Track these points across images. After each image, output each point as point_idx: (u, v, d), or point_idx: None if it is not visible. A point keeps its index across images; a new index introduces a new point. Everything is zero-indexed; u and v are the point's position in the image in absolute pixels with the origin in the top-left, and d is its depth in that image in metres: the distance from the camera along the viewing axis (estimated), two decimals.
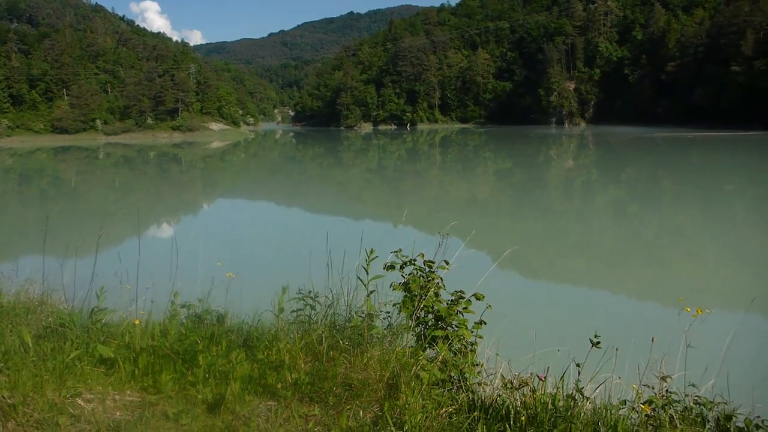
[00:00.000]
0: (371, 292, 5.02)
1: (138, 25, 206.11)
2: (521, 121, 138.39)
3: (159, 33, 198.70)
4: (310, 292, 5.24)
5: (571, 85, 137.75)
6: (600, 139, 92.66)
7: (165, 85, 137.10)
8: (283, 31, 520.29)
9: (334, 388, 4.39)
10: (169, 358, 4.60)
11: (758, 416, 4.51)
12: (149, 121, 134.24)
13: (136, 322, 4.94)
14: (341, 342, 4.75)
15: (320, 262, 5.57)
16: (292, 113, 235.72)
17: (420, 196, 39.07)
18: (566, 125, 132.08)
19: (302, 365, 4.66)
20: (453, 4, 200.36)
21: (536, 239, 23.60)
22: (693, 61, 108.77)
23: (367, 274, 4.98)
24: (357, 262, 5.13)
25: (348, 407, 4.19)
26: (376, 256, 5.02)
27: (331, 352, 4.71)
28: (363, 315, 5.03)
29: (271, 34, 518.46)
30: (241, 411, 4.12)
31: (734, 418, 4.53)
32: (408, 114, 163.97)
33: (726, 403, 4.65)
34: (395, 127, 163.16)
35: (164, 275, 5.86)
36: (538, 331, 4.82)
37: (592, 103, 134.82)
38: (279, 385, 4.44)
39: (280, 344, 4.76)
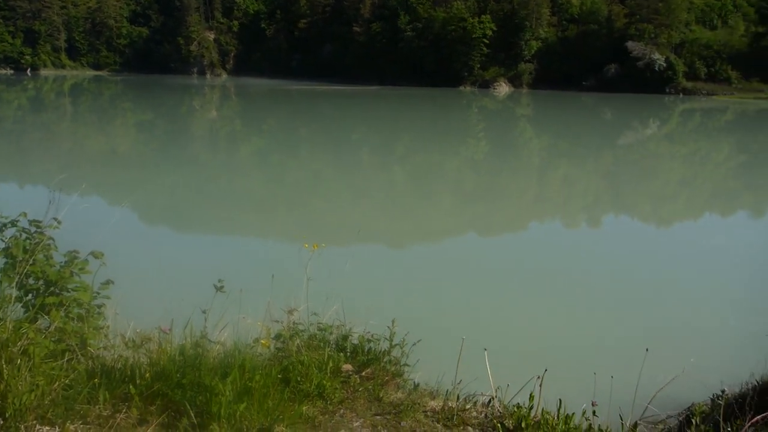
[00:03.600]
0: None
1: None
2: (162, 70, 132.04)
3: None
4: None
5: (211, 36, 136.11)
6: (241, 90, 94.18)
7: None
8: None
9: None
10: None
11: (369, 331, 5.18)
12: None
13: None
14: None
15: None
16: None
17: (48, 153, 34.59)
18: (208, 76, 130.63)
19: None
20: None
21: (182, 190, 23.08)
22: (321, 20, 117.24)
23: None
24: None
25: None
26: None
27: None
28: None
29: None
30: None
31: (350, 337, 5.12)
32: (27, 57, 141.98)
33: (344, 325, 5.21)
34: (12, 71, 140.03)
35: None
36: (166, 282, 4.65)
37: (233, 54, 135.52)
38: None
39: None
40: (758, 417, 5.92)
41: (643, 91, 78.04)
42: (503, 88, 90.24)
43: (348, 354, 4.91)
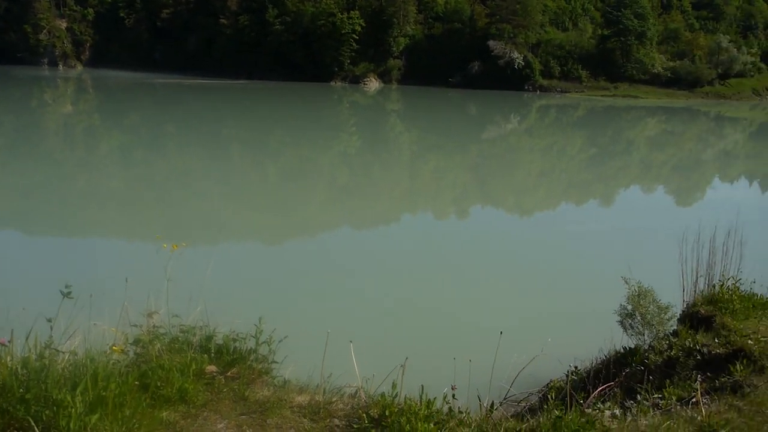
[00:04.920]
0: None
1: None
2: (6, 60, 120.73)
3: None
4: None
5: (63, 24, 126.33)
6: (99, 83, 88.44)
7: None
8: None
9: None
10: None
11: (234, 331, 5.06)
12: None
13: None
14: None
15: None
16: None
17: None
18: (61, 67, 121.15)
19: None
20: None
21: (29, 190, 21.29)
22: (186, 11, 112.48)
23: None
24: None
25: None
26: None
27: None
28: None
29: None
30: None
31: (214, 337, 4.98)
32: None
33: (208, 326, 5.06)
34: None
35: None
36: (5, 291, 4.28)
37: (88, 45, 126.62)
38: None
39: None
40: (603, 387, 6.53)
41: (504, 87, 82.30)
42: (373, 84, 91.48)
43: (212, 355, 4.78)
